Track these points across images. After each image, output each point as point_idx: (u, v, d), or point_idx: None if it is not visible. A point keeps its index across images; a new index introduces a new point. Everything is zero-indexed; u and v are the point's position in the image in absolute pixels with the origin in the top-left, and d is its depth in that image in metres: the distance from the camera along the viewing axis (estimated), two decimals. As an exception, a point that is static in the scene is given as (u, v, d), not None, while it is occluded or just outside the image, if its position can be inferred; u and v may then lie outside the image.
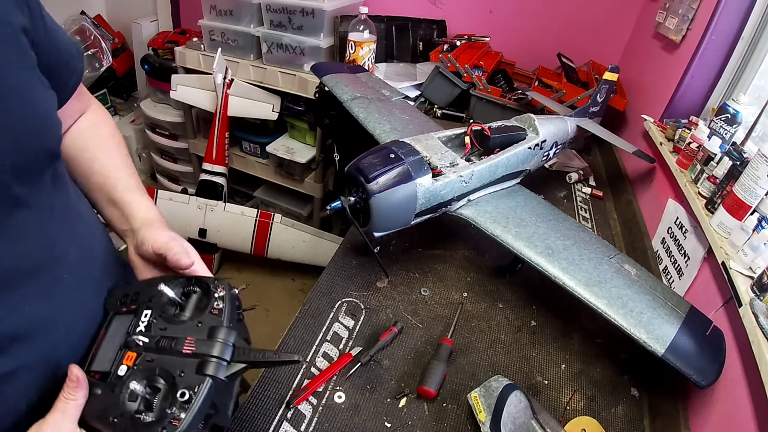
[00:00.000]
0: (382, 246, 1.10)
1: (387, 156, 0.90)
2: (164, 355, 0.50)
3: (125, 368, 0.49)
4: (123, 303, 0.57)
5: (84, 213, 0.63)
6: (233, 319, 0.53)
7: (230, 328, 0.52)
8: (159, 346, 0.50)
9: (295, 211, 2.54)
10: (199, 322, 0.52)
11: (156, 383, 0.48)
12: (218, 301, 0.53)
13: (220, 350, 0.49)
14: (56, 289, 0.53)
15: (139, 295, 0.57)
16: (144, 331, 0.52)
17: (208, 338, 0.50)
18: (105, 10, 2.91)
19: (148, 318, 0.53)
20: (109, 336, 0.55)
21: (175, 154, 2.72)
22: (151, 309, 0.54)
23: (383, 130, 1.19)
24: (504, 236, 0.95)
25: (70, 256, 0.55)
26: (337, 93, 1.38)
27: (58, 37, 0.56)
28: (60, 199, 0.55)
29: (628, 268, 0.94)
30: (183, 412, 0.46)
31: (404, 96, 1.48)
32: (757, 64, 1.30)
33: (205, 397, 0.47)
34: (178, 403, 0.46)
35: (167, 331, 0.51)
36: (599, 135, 1.48)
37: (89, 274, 0.59)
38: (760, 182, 0.86)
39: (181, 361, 0.49)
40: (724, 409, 0.78)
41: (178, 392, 0.47)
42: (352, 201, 0.90)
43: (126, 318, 0.55)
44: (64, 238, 0.55)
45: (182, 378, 0.47)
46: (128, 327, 0.54)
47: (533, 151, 1.16)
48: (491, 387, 0.78)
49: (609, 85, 1.53)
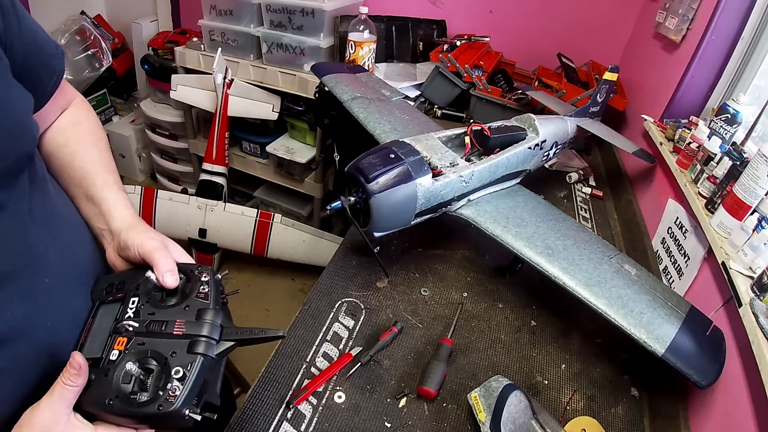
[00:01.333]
0: (382, 246, 1.10)
1: (387, 156, 0.90)
2: (155, 338, 0.52)
3: (117, 353, 0.51)
4: (109, 292, 0.59)
5: (65, 215, 0.62)
6: (218, 302, 0.56)
7: (217, 309, 0.54)
8: (149, 329, 0.52)
9: (295, 211, 2.54)
10: (187, 305, 0.54)
11: (148, 365, 0.50)
12: (204, 285, 0.56)
13: (209, 330, 0.52)
14: (37, 292, 0.53)
15: (124, 283, 0.58)
16: (133, 317, 0.54)
17: (196, 320, 0.53)
18: (105, 10, 2.91)
19: (135, 304, 0.55)
20: (96, 324, 0.56)
21: (175, 154, 2.72)
22: (138, 296, 0.56)
23: (383, 130, 1.19)
24: (504, 236, 0.95)
25: (50, 259, 0.55)
26: (337, 93, 1.38)
27: (37, 37, 0.55)
28: (38, 202, 0.55)
29: (628, 268, 0.94)
30: (178, 389, 0.48)
31: (404, 96, 1.48)
32: (757, 64, 1.30)
33: (198, 374, 0.49)
34: (173, 380, 0.49)
35: (156, 316, 0.54)
36: (600, 135, 1.48)
37: (71, 276, 0.59)
38: (760, 182, 0.86)
39: (173, 343, 0.51)
40: (724, 409, 0.78)
41: (172, 370, 0.49)
42: (352, 201, 0.90)
43: (113, 306, 0.57)
44: (44, 241, 0.54)
45: (174, 358, 0.50)
46: (116, 314, 0.55)
47: (533, 151, 1.16)
48: (491, 387, 0.78)
49: (609, 85, 1.53)
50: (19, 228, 0.51)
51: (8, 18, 0.50)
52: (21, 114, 0.51)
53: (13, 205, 0.50)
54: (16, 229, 0.50)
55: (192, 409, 0.49)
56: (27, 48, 0.53)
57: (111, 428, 0.49)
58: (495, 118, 1.29)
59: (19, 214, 0.51)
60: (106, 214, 0.63)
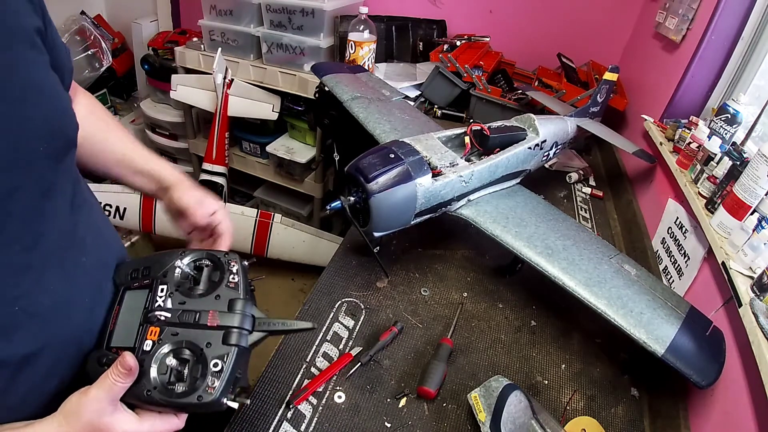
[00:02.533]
0: (382, 246, 1.10)
1: (387, 156, 0.90)
2: (189, 328, 0.53)
3: (150, 343, 0.52)
4: (134, 278, 0.60)
5: (94, 204, 0.66)
6: (248, 290, 0.57)
7: (247, 299, 0.55)
8: (182, 320, 0.53)
9: (295, 211, 2.54)
10: (217, 295, 0.55)
11: (183, 355, 0.51)
12: (233, 275, 0.57)
13: (241, 321, 0.54)
14: (77, 272, 0.55)
15: (150, 269, 0.59)
16: (163, 306, 0.55)
17: (228, 311, 0.54)
18: (105, 10, 2.91)
19: (165, 293, 0.56)
20: (124, 311, 0.57)
21: (175, 154, 2.72)
22: (167, 284, 0.56)
23: (383, 130, 1.19)
24: (504, 236, 0.95)
25: (87, 241, 0.58)
26: (337, 93, 1.38)
27: (57, 37, 0.59)
28: (77, 188, 0.59)
29: (628, 268, 0.94)
30: (216, 380, 0.50)
31: (404, 96, 1.48)
32: (757, 64, 1.30)
33: (234, 365, 0.51)
34: (211, 371, 0.50)
35: (187, 305, 0.55)
36: (600, 135, 1.48)
37: (104, 260, 0.62)
38: (760, 182, 0.86)
39: (208, 334, 0.52)
40: (724, 409, 0.78)
41: (210, 362, 0.50)
42: (351, 201, 0.90)
43: (140, 293, 0.57)
44: (81, 224, 0.57)
45: (210, 349, 0.51)
46: (145, 302, 0.56)
47: (533, 151, 1.16)
48: (491, 387, 0.78)
49: (609, 85, 1.53)
50: (65, 210, 0.54)
51: (46, 19, 0.54)
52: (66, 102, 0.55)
53: (61, 188, 0.53)
54: (62, 211, 0.53)
55: (228, 398, 0.51)
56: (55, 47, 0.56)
57: (153, 416, 0.51)
58: (495, 118, 1.29)
59: (65, 197, 0.54)
60: (158, 178, 0.74)
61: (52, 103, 0.51)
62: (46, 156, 0.49)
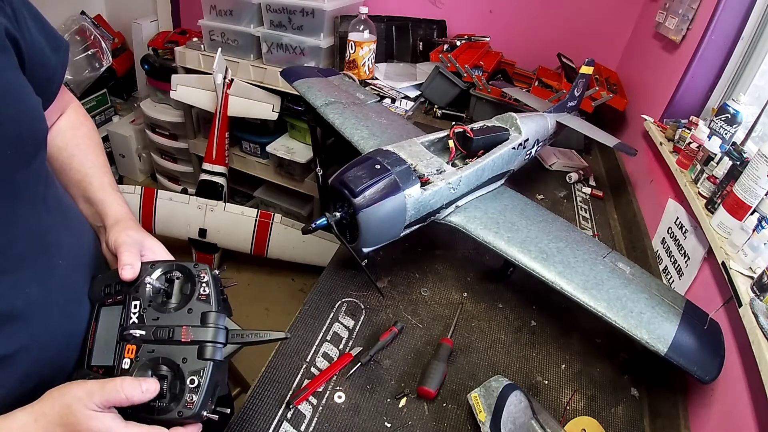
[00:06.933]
0: (376, 251, 1.09)
1: (372, 167, 0.86)
2: (164, 345, 0.53)
3: (128, 361, 0.52)
4: (107, 294, 0.59)
5: (72, 207, 0.66)
6: (220, 301, 0.57)
7: (219, 312, 0.55)
8: (157, 336, 0.53)
9: (295, 211, 2.54)
10: (190, 309, 0.55)
11: (161, 371, 0.52)
12: (204, 287, 0.57)
13: (214, 335, 0.54)
14: (52, 274, 0.55)
15: (121, 284, 0.59)
16: (137, 323, 0.55)
17: (201, 324, 0.54)
18: (105, 10, 2.90)
19: (138, 309, 0.56)
20: (101, 329, 0.57)
21: (175, 154, 2.72)
22: (139, 300, 0.56)
23: (361, 136, 1.15)
24: (497, 243, 0.93)
25: (62, 244, 0.57)
26: (310, 99, 1.32)
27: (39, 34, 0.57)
28: (51, 192, 0.58)
29: (622, 266, 0.94)
30: (194, 395, 0.50)
31: (379, 99, 1.44)
32: (757, 64, 1.30)
33: (210, 379, 0.52)
34: (188, 388, 0.51)
35: (160, 321, 0.55)
36: (579, 130, 1.46)
37: (81, 262, 0.61)
38: (760, 182, 0.86)
39: (182, 349, 0.53)
40: (724, 409, 0.78)
41: (186, 378, 0.51)
42: (338, 217, 0.85)
43: (114, 309, 0.58)
44: (56, 227, 0.57)
45: (186, 364, 0.52)
46: (120, 319, 0.56)
47: (517, 151, 1.14)
48: (491, 387, 0.78)
49: (585, 78, 1.51)
50: (35, 213, 0.53)
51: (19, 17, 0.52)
52: (33, 101, 0.53)
53: (30, 190, 0.53)
54: (32, 214, 0.53)
55: (209, 409, 0.52)
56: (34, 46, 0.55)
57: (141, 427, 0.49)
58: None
59: (35, 200, 0.54)
60: (102, 213, 0.67)
61: (18, 106, 0.50)
62: (14, 159, 0.48)
